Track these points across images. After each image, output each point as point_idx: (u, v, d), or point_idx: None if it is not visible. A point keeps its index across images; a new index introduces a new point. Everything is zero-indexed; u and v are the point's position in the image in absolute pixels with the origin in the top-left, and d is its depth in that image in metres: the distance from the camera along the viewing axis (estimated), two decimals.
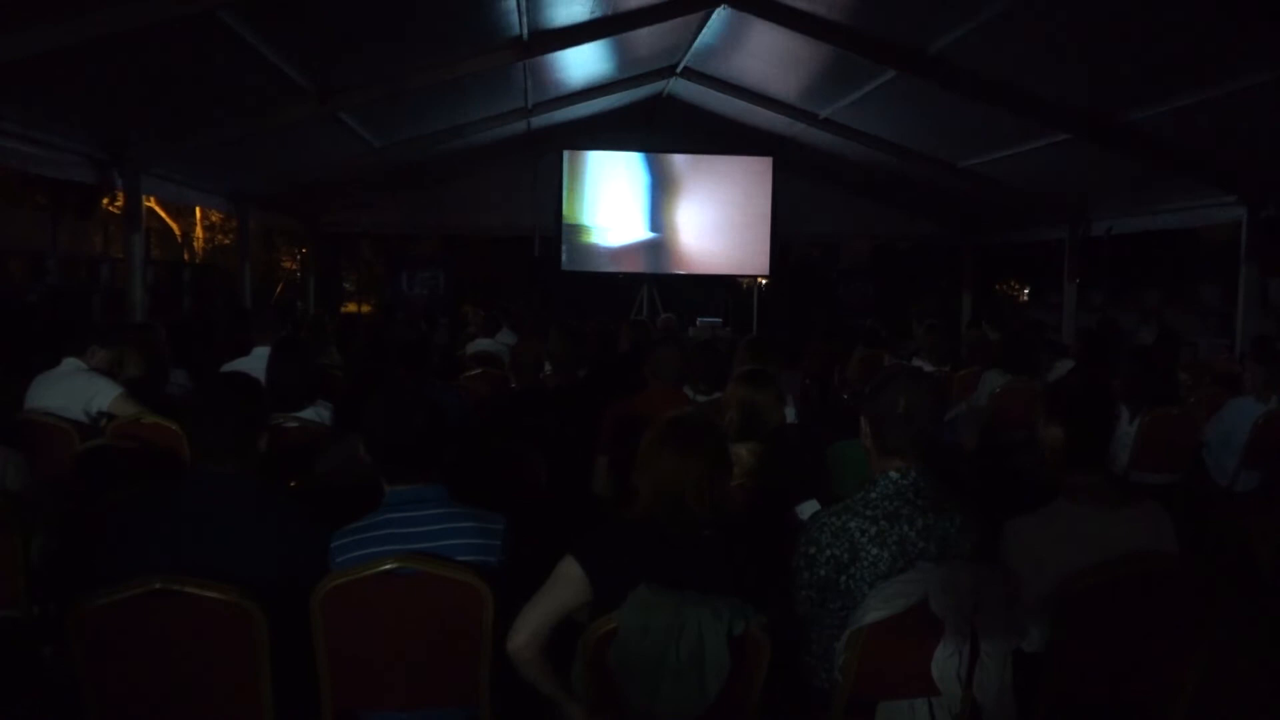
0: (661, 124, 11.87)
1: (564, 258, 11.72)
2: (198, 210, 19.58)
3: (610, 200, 11.72)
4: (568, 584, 2.20)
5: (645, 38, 8.26)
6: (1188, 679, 2.32)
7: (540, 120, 10.52)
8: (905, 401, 2.33)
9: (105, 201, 15.48)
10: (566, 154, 11.52)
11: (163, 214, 19.08)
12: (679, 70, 9.86)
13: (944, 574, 2.13)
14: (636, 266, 11.93)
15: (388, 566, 2.18)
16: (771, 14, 7.15)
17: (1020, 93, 7.22)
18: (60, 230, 12.27)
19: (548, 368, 6.16)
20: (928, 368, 6.31)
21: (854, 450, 2.73)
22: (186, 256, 20.08)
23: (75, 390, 4.14)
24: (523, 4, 6.56)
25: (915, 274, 16.69)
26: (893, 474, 2.32)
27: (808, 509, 2.78)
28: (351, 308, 18.39)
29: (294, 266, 20.97)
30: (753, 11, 7.23)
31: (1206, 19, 5.30)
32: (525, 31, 7.19)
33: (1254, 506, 4.67)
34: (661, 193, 11.75)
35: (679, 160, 11.74)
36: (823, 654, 2.33)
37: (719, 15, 7.59)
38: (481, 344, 7.51)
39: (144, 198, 8.03)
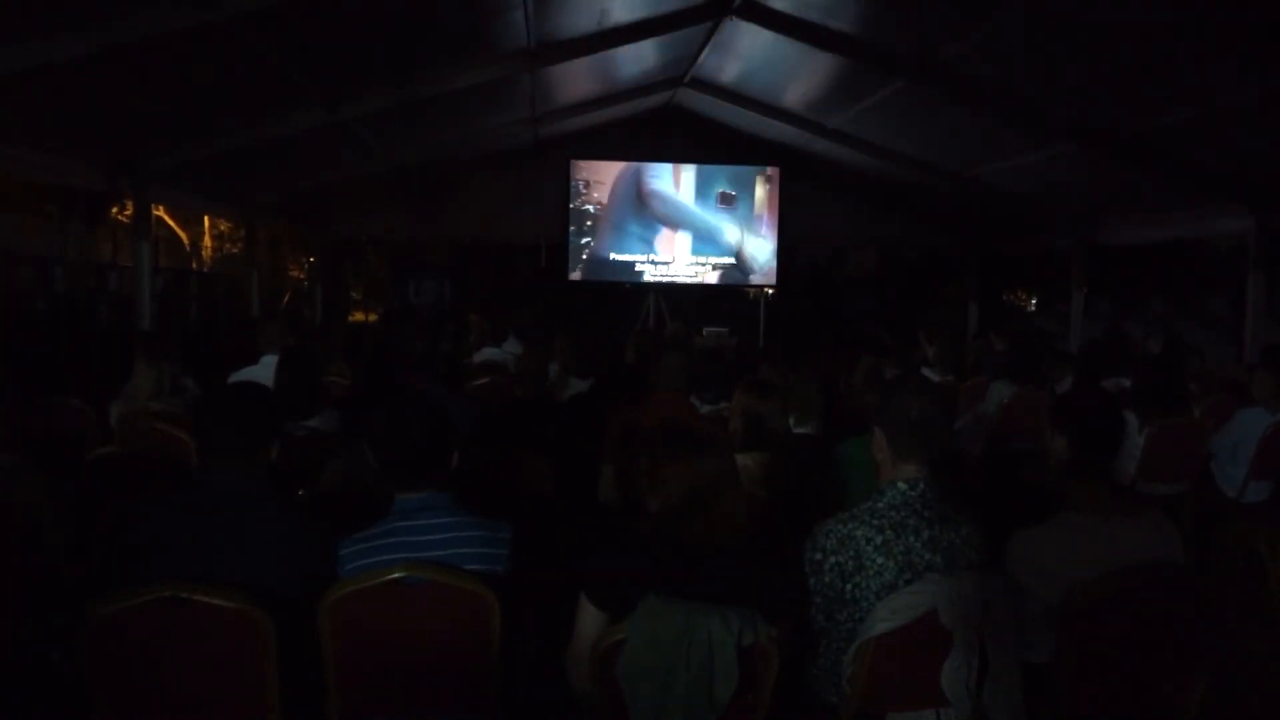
0: (669, 134, 11.90)
1: (570, 267, 11.73)
2: (206, 218, 19.68)
3: (616, 209, 11.72)
4: (590, 621, 2.20)
5: (652, 48, 8.29)
6: (1195, 691, 2.31)
7: (547, 130, 10.56)
8: (917, 410, 2.33)
9: (114, 209, 15.55)
10: (573, 163, 11.55)
11: (171, 222, 19.17)
12: (686, 80, 9.88)
13: (952, 585, 2.13)
14: (643, 276, 11.92)
15: (395, 575, 2.19)
16: (778, 25, 7.17)
17: (1027, 102, 7.23)
18: (68, 238, 12.35)
19: (552, 374, 6.18)
20: (934, 378, 6.30)
21: (860, 450, 2.73)
22: (194, 264, 20.14)
23: None
24: (530, 15, 6.59)
25: (922, 283, 16.68)
26: (901, 484, 2.33)
27: None
28: (359, 316, 18.45)
29: (301, 275, 21.05)
30: (760, 22, 7.25)
31: (1215, 28, 5.30)
32: (532, 42, 7.22)
33: (1263, 518, 4.65)
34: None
35: (686, 169, 11.73)
36: (831, 666, 2.33)
37: (726, 26, 7.61)
38: (488, 353, 7.53)
39: (152, 206, 8.07)
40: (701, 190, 11.66)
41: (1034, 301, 20.13)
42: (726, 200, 11.69)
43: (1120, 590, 2.27)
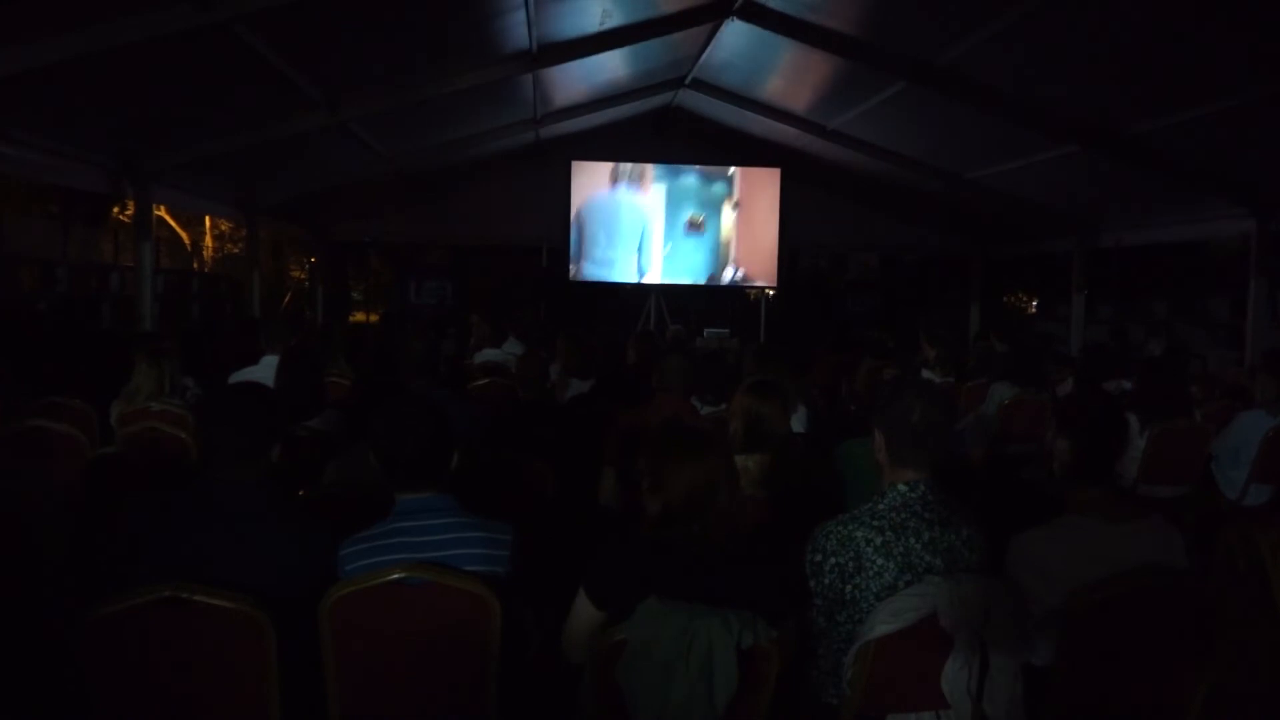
0: (670, 135, 11.91)
1: (572, 268, 11.74)
2: (207, 219, 19.69)
3: (618, 210, 11.74)
4: (586, 613, 2.21)
5: (654, 49, 8.29)
6: (1196, 694, 2.31)
7: (548, 131, 10.57)
8: (919, 413, 2.33)
9: (115, 210, 15.55)
10: (575, 164, 11.55)
11: (172, 223, 19.17)
12: (687, 81, 9.89)
13: (953, 588, 2.12)
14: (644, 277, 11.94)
15: (395, 576, 2.19)
16: (780, 26, 7.18)
17: (1029, 104, 7.23)
18: (71, 238, 12.33)
19: (553, 375, 6.18)
20: (935, 379, 6.29)
21: (863, 449, 2.73)
22: (196, 265, 20.15)
23: None
24: (532, 16, 6.60)
25: (923, 285, 16.67)
26: (901, 486, 2.33)
27: None
28: (360, 317, 18.45)
29: (302, 276, 21.05)
30: (761, 23, 7.26)
31: (1216, 31, 5.30)
32: (534, 44, 7.22)
33: (1264, 521, 4.64)
34: (675, 191, 11.76)
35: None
36: (831, 668, 2.33)
37: (728, 27, 7.61)
38: (488, 354, 7.53)
39: (154, 206, 8.08)
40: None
41: (1035, 304, 20.12)
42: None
43: (1122, 594, 2.26)
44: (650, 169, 11.66)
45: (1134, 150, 7.30)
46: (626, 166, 11.58)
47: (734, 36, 7.94)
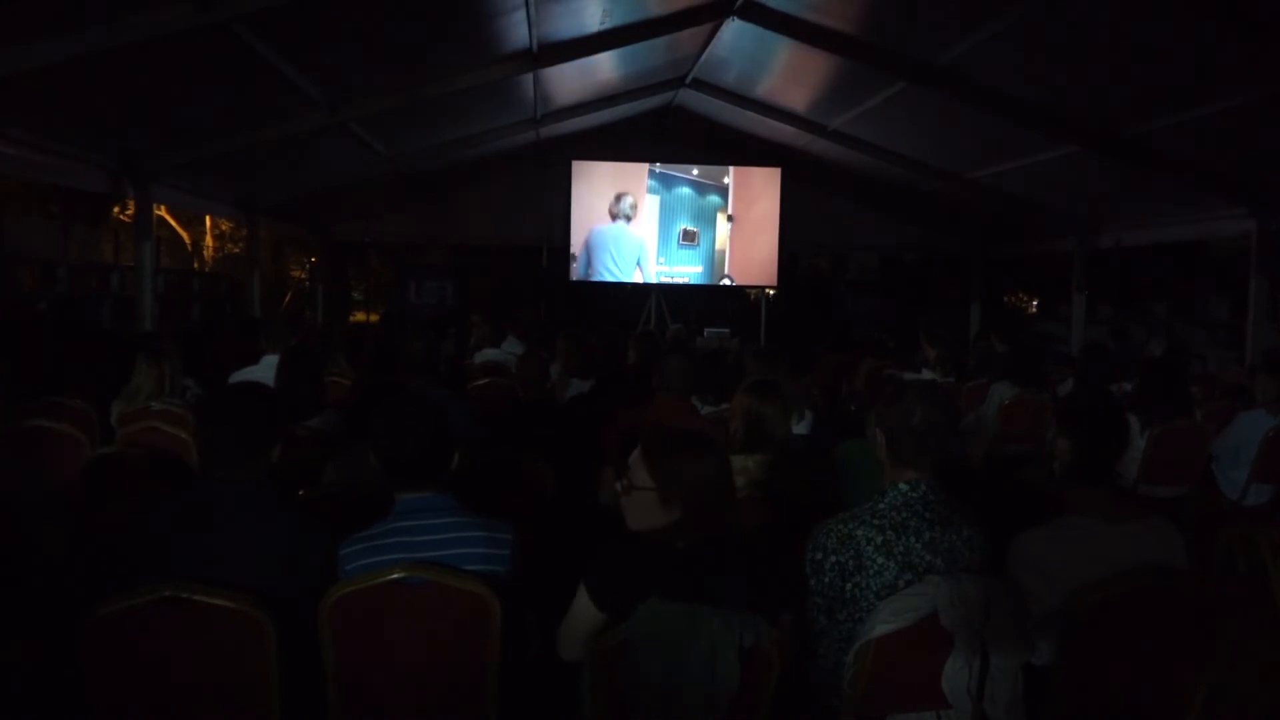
0: (670, 134, 11.91)
1: (572, 267, 11.74)
2: (207, 219, 19.71)
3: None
4: (586, 614, 2.20)
5: (654, 49, 8.30)
6: (1197, 694, 2.31)
7: (549, 131, 10.57)
8: (920, 415, 2.33)
9: (115, 210, 15.57)
10: (575, 168, 11.55)
11: (173, 223, 19.19)
12: (688, 81, 9.89)
13: (953, 587, 2.12)
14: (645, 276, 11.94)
15: (395, 575, 2.18)
16: (781, 26, 7.18)
17: (1029, 105, 7.23)
18: (71, 238, 12.33)
19: (553, 375, 6.18)
20: (935, 379, 6.29)
21: (863, 449, 2.73)
22: (196, 265, 20.16)
23: None
24: (532, 16, 6.60)
25: (923, 286, 16.69)
26: (902, 486, 2.33)
27: None
28: (360, 317, 18.47)
29: (303, 276, 21.07)
30: (761, 23, 7.26)
31: (1216, 31, 5.30)
32: (534, 44, 7.22)
33: (1265, 521, 4.64)
34: (670, 203, 11.77)
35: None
36: (831, 668, 2.32)
37: (728, 26, 7.62)
38: (488, 354, 7.53)
39: (154, 206, 8.08)
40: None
41: (1035, 304, 20.14)
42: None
43: (1122, 594, 2.26)
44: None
45: (1134, 150, 7.30)
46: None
47: (734, 36, 7.94)
